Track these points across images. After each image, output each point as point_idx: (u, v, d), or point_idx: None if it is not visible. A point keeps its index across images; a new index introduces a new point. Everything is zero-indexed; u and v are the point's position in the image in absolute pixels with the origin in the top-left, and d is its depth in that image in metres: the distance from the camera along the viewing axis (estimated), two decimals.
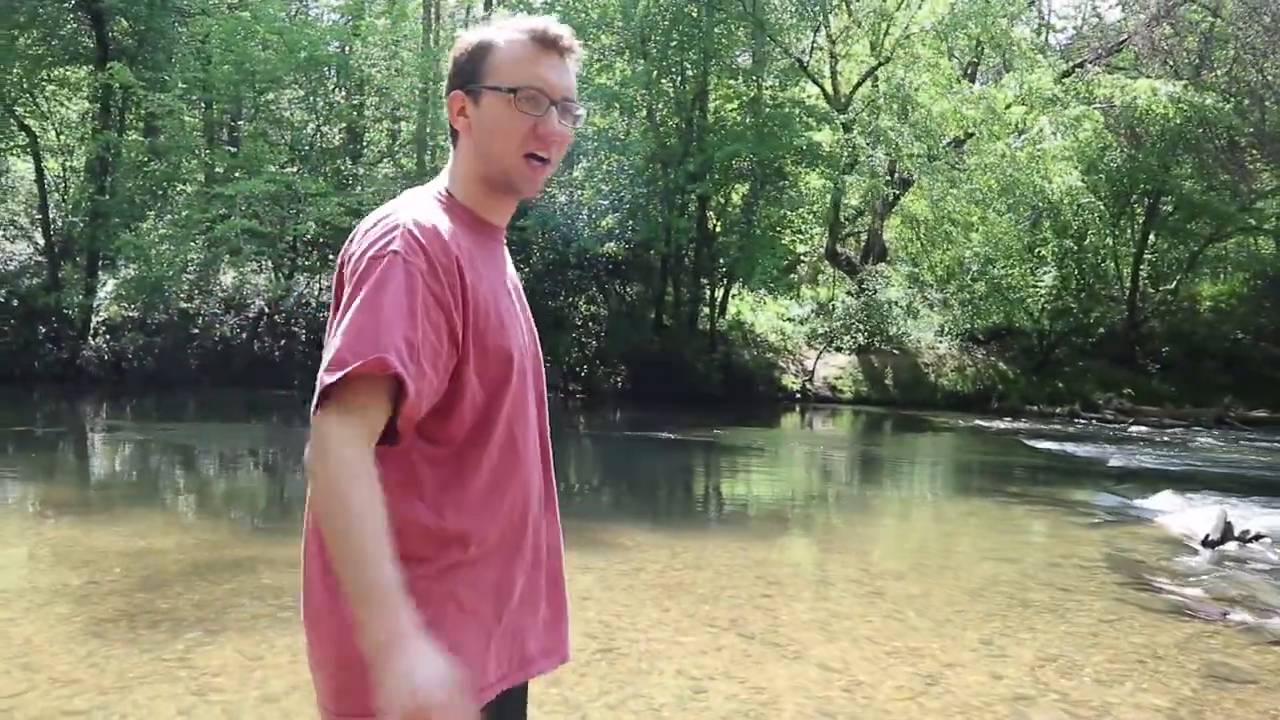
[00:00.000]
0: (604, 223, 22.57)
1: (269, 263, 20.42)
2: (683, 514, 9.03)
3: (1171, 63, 21.79)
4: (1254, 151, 22.62)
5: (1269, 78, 21.24)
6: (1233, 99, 20.79)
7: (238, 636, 4.20)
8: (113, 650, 3.95)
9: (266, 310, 20.29)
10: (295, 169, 20.02)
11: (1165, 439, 17.62)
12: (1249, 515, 8.20)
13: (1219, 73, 22.58)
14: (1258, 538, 7.32)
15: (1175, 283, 25.65)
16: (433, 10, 24.49)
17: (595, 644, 4.35)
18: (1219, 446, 16.49)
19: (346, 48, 20.40)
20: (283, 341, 20.61)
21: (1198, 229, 24.95)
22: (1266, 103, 21.48)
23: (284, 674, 3.78)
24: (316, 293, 21.17)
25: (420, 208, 1.42)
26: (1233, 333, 25.35)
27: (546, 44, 1.46)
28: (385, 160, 22.46)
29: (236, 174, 19.11)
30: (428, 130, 22.31)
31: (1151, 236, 25.11)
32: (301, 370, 20.18)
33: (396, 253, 1.32)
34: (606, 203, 23.22)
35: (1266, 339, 24.86)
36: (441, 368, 1.35)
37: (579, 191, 23.95)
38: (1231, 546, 7.20)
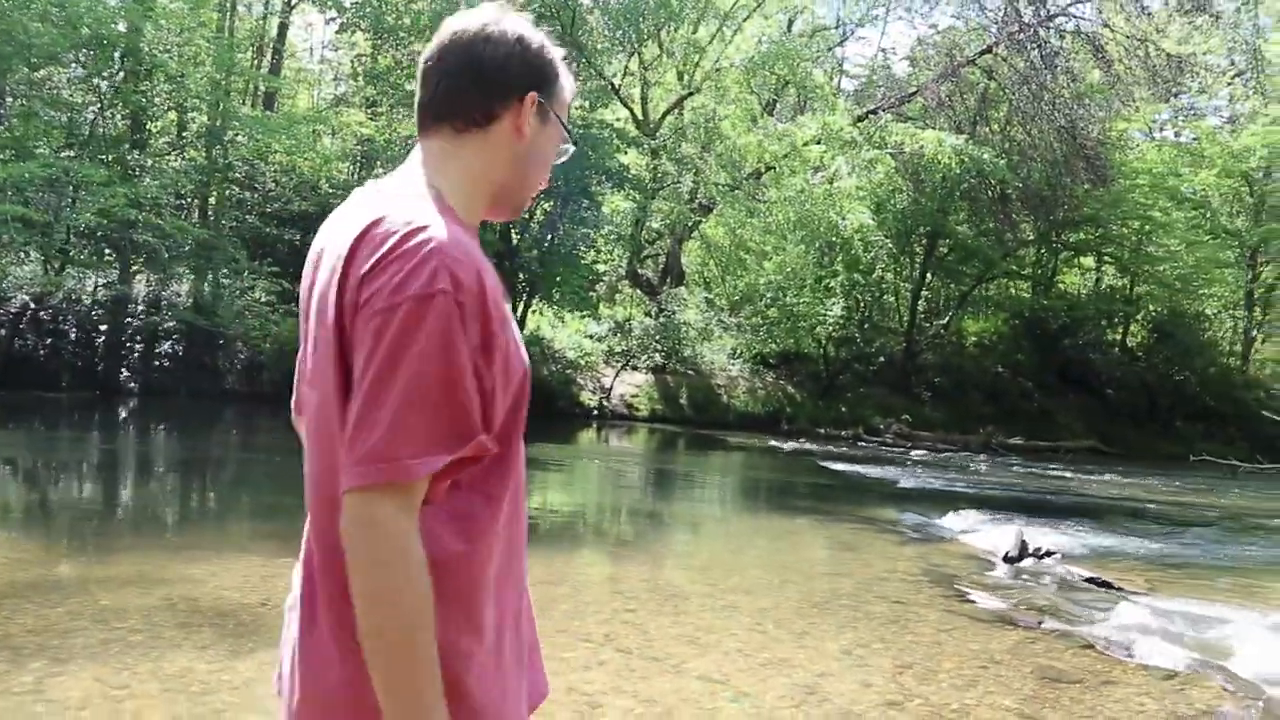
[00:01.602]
0: None
1: (36, 254, 18.63)
2: None
3: (954, 117, 23.77)
4: (1020, 204, 25.00)
5: (1034, 139, 23.56)
6: (1005, 155, 22.92)
7: (92, 664, 3.83)
8: None
9: (32, 305, 18.51)
10: (73, 154, 18.41)
11: (941, 463, 19.04)
12: (1037, 534, 8.99)
13: (993, 129, 24.84)
14: (1049, 554, 8.06)
15: (948, 318, 27.83)
16: None
17: None
18: (989, 471, 18.00)
19: (135, 29, 18.95)
20: (49, 340, 18.90)
21: (968, 270, 27.24)
22: (1034, 162, 23.78)
23: (158, 705, 3.49)
24: (90, 288, 19.55)
25: (442, 223, 1.17)
26: (994, 366, 27.79)
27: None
28: (174, 153, 21.01)
29: (1, 155, 17.37)
30: (219, 123, 21.08)
31: (928, 275, 27.17)
32: (70, 371, 18.58)
33: (446, 292, 1.11)
34: None
35: (1023, 373, 27.41)
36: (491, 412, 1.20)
37: None
38: (1028, 562, 7.89)
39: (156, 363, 19.68)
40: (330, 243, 1.26)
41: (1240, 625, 6.11)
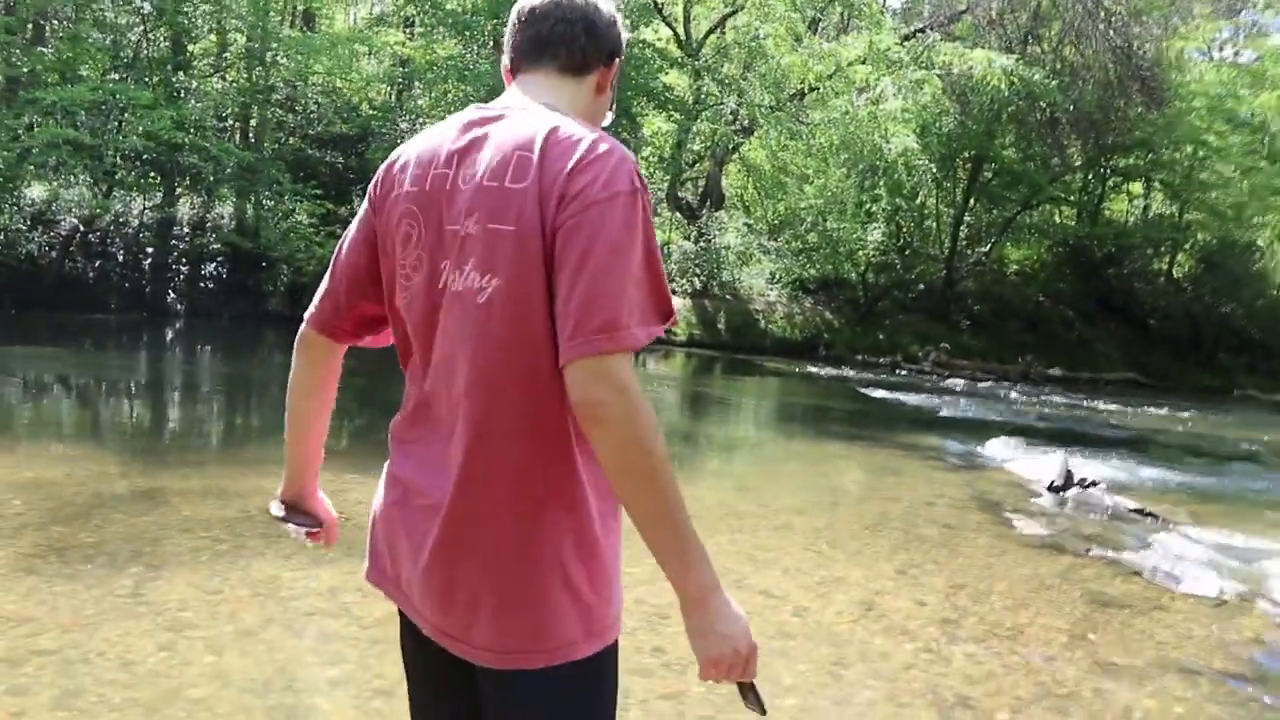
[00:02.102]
0: None
1: (85, 177, 18.83)
2: None
3: (1004, 36, 23.08)
4: (1069, 127, 24.36)
5: (1088, 58, 22.83)
6: (1056, 76, 22.28)
7: (185, 571, 4.03)
8: (55, 586, 3.72)
9: (81, 228, 18.78)
10: (118, 76, 18.47)
11: (980, 391, 19.00)
12: (1080, 464, 9.02)
13: (1044, 48, 24.09)
14: (1094, 484, 8.10)
15: (990, 245, 27.43)
16: None
17: None
18: (1027, 400, 17.94)
19: None
20: (97, 262, 19.22)
21: (1013, 196, 26.72)
22: (1086, 83, 23.09)
23: (251, 608, 3.68)
24: (137, 211, 19.77)
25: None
26: (1035, 295, 27.42)
27: None
28: (215, 74, 20.99)
29: (48, 79, 17.46)
30: (258, 44, 20.99)
31: (971, 200, 26.70)
32: (117, 293, 18.90)
33: (641, 190, 1.30)
34: None
35: (1064, 302, 27.05)
36: None
37: (421, 119, 23.26)
38: (1073, 491, 7.94)
39: (201, 285, 19.96)
40: (473, 147, 1.38)
41: None
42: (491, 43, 21.94)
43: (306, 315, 1.61)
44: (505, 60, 1.52)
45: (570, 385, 1.24)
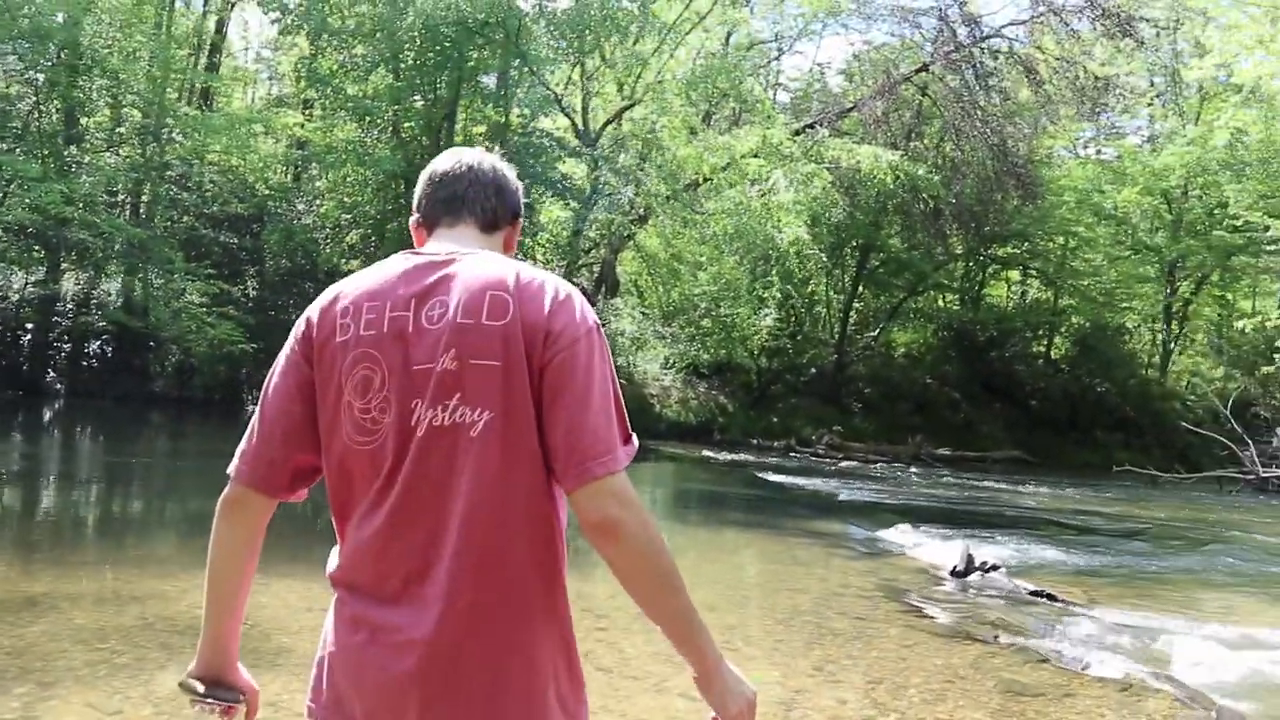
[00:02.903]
0: (348, 238, 21.87)
1: None
2: None
3: (889, 132, 24.25)
4: (951, 219, 25.62)
5: (967, 155, 24.15)
6: (939, 171, 23.49)
7: (80, 688, 3.78)
8: None
9: None
10: (5, 147, 17.85)
11: (875, 474, 19.42)
12: (978, 546, 9.27)
13: (927, 144, 25.42)
14: (995, 568, 8.32)
15: (878, 330, 28.39)
16: None
17: None
18: (921, 482, 18.43)
19: (74, 22, 18.41)
20: None
21: (899, 283, 27.85)
22: (966, 178, 24.37)
23: None
24: (18, 286, 18.95)
25: None
26: (923, 378, 28.41)
27: None
28: (109, 149, 20.45)
29: None
30: (154, 120, 20.59)
31: (860, 287, 27.69)
32: None
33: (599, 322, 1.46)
34: (350, 216, 22.57)
35: (950, 384, 28.07)
36: None
37: (318, 201, 23.06)
38: (975, 576, 8.15)
39: (84, 364, 19.16)
40: (434, 290, 1.46)
41: (1179, 636, 6.43)
42: (391, 129, 22.01)
43: (233, 472, 1.55)
44: (416, 217, 1.65)
45: (582, 507, 1.36)
